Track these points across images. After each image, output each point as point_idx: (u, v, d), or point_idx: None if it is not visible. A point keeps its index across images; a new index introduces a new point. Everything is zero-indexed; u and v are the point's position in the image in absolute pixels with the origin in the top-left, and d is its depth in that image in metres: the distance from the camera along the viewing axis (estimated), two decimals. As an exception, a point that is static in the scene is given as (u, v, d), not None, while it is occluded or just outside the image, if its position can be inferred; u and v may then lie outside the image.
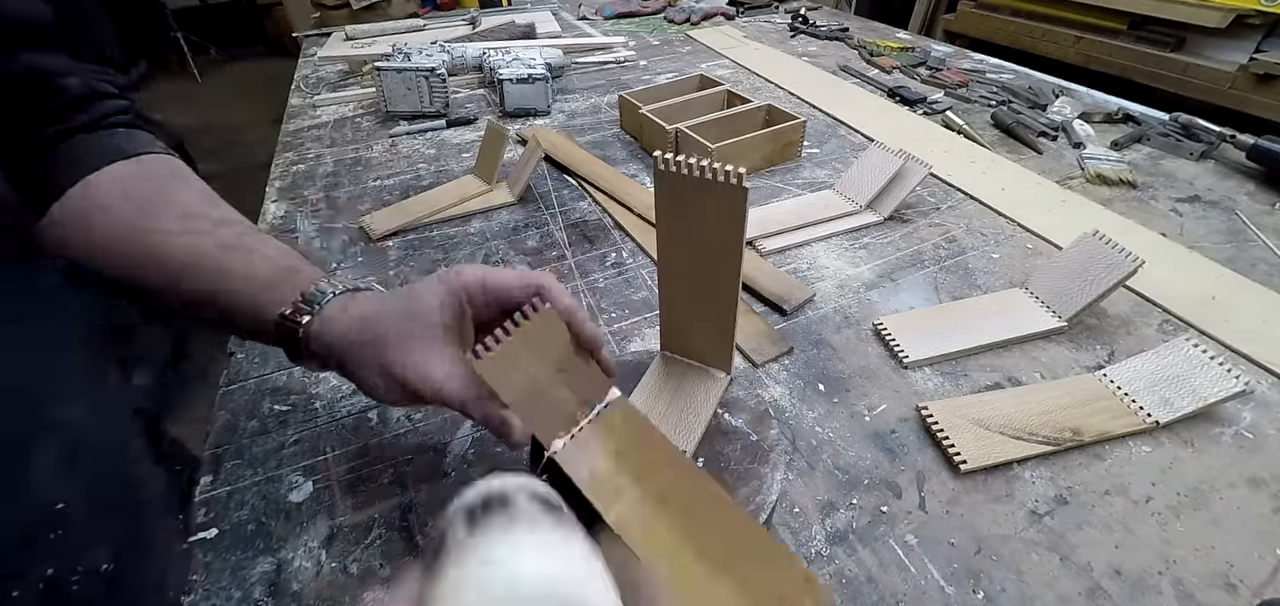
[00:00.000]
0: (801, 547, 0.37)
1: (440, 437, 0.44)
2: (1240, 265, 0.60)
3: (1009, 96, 0.99)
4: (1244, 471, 0.40)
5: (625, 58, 1.23)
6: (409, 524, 0.38)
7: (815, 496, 0.39)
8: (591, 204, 0.73)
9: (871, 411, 0.45)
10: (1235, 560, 0.35)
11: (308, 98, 1.06)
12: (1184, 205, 0.70)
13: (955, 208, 0.70)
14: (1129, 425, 0.42)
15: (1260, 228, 0.65)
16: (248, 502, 0.39)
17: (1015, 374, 0.48)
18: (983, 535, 0.37)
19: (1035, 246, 0.63)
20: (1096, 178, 0.75)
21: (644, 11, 1.58)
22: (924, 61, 1.15)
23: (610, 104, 1.02)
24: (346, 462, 0.42)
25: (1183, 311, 0.54)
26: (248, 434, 0.44)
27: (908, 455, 0.42)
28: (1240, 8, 1.50)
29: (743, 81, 1.11)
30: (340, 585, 0.35)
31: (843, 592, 0.34)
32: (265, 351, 0.52)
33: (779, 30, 1.43)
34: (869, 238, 0.65)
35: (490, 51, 1.07)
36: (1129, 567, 0.35)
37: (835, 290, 0.58)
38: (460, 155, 0.84)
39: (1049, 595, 0.34)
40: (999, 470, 0.40)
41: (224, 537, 0.37)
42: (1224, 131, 0.80)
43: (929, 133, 0.88)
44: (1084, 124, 0.88)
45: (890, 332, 0.51)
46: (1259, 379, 0.47)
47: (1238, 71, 1.53)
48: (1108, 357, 0.49)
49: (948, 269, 0.60)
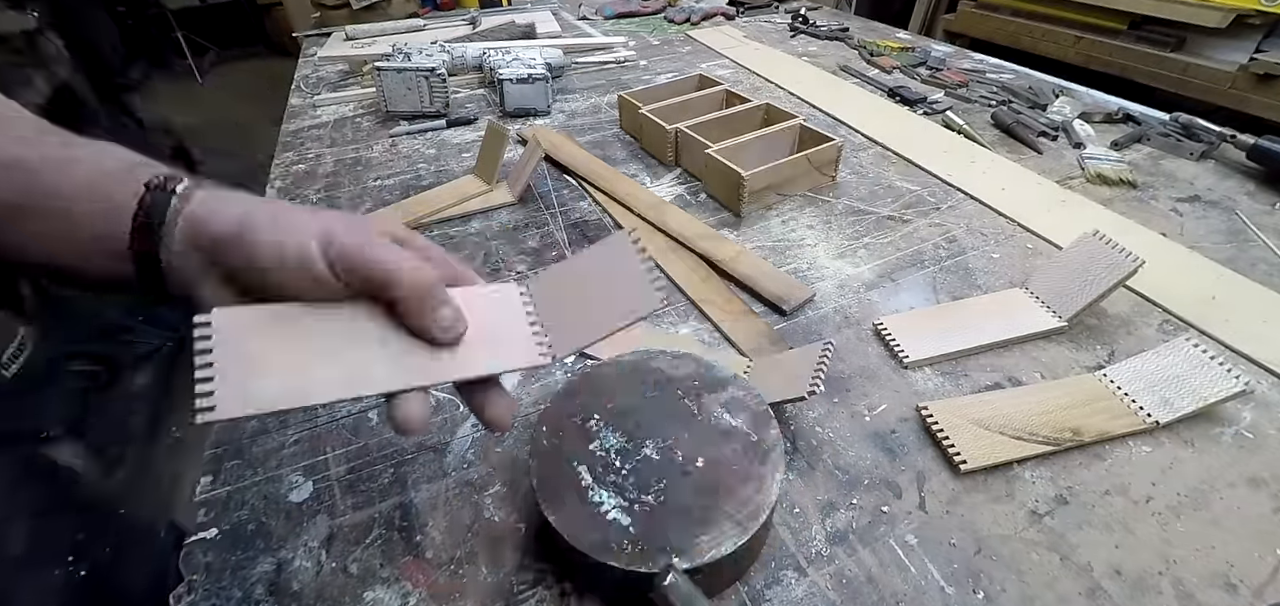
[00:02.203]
0: (801, 547, 0.37)
1: (440, 437, 0.44)
2: (1240, 265, 0.60)
3: (1009, 96, 0.99)
4: (1244, 471, 0.40)
5: (625, 58, 1.23)
6: (409, 524, 0.38)
7: (815, 496, 0.39)
8: (591, 204, 0.73)
9: (871, 411, 0.45)
10: (1235, 560, 0.35)
11: (308, 98, 1.06)
12: (1184, 205, 0.70)
13: (955, 207, 0.70)
14: (1129, 425, 0.42)
15: (1260, 228, 0.65)
16: (248, 502, 0.39)
17: (1015, 374, 0.48)
18: (983, 535, 0.37)
19: (1035, 246, 0.63)
20: (1096, 178, 0.75)
21: (644, 11, 1.58)
22: (924, 61, 1.15)
23: (610, 104, 1.02)
24: (346, 462, 0.42)
25: (1183, 311, 0.54)
26: (248, 434, 0.44)
27: (908, 455, 0.42)
28: (1240, 8, 1.50)
29: (743, 81, 1.11)
30: (340, 585, 0.35)
31: (843, 592, 0.34)
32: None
33: (779, 30, 1.43)
34: (869, 238, 0.65)
35: (490, 51, 1.07)
36: (1129, 567, 0.35)
37: (835, 290, 0.58)
38: (460, 155, 0.84)
39: (1049, 595, 0.34)
40: (999, 470, 0.40)
41: (224, 537, 0.37)
42: (1224, 131, 0.80)
43: (929, 133, 0.88)
44: (1084, 124, 0.88)
45: (890, 332, 0.51)
46: (1259, 379, 0.47)
47: (1238, 71, 1.52)
48: (1108, 357, 0.49)
49: (948, 269, 0.60)
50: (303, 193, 0.76)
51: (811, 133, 0.76)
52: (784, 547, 0.37)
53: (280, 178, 0.80)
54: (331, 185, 0.77)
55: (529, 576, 0.35)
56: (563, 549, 0.33)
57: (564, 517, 0.32)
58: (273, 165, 0.83)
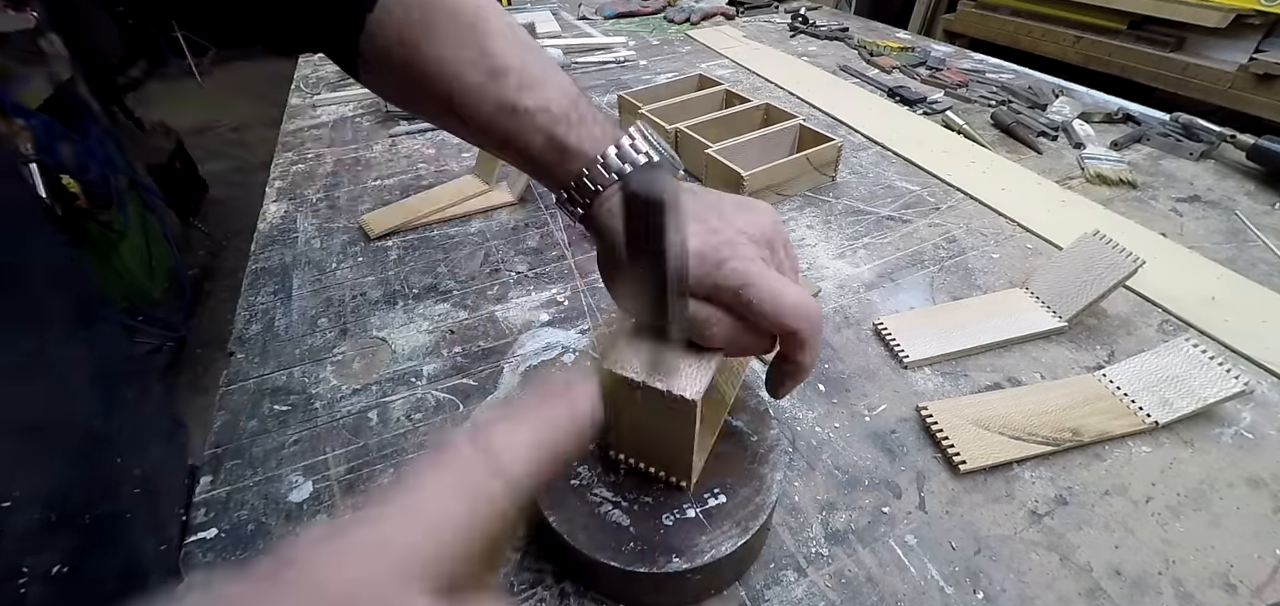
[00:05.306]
0: (801, 547, 0.37)
1: (440, 437, 0.44)
2: (1240, 265, 0.60)
3: (1009, 96, 0.99)
4: (1244, 471, 0.40)
5: (625, 57, 1.23)
6: (409, 524, 0.38)
7: (815, 496, 0.39)
8: (591, 204, 0.73)
9: (871, 411, 0.45)
10: (1235, 560, 0.35)
11: (308, 97, 1.06)
12: (1184, 205, 0.70)
13: (955, 207, 0.70)
14: (1129, 425, 0.42)
15: (1260, 227, 0.65)
16: (248, 502, 0.39)
17: (1015, 374, 0.48)
18: (983, 535, 0.37)
19: (1035, 246, 0.63)
20: (1096, 178, 0.75)
21: (644, 11, 1.58)
22: (924, 61, 1.15)
23: (610, 104, 1.01)
24: (346, 462, 0.42)
25: (1183, 311, 0.54)
26: (248, 434, 0.44)
27: (908, 455, 0.42)
28: (1240, 8, 1.50)
29: (742, 81, 1.11)
30: (340, 585, 0.35)
31: (843, 593, 0.34)
32: (265, 351, 0.52)
33: (779, 30, 1.43)
34: (869, 238, 0.65)
35: (490, 51, 1.07)
36: (1129, 567, 0.35)
37: (835, 290, 0.58)
38: (460, 155, 0.84)
39: (1049, 595, 0.34)
40: (999, 470, 0.40)
41: (224, 537, 0.37)
42: (1224, 131, 0.80)
43: (929, 133, 0.88)
44: (1084, 124, 0.88)
45: (890, 332, 0.51)
46: (1259, 379, 0.47)
47: (1238, 71, 1.52)
48: (1108, 358, 0.49)
49: (948, 269, 0.60)
50: (303, 192, 0.76)
51: (811, 132, 0.76)
52: (784, 547, 0.37)
53: (280, 177, 0.80)
54: (331, 185, 0.77)
55: (529, 576, 0.35)
56: (563, 549, 0.33)
57: (564, 518, 0.32)
58: (273, 165, 0.83)
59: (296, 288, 0.60)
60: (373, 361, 0.51)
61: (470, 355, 0.51)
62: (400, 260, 0.63)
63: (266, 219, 0.71)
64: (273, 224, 0.70)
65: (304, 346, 0.52)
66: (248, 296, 0.59)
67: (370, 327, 0.54)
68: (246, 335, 0.54)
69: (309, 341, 0.53)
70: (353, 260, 0.63)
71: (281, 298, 0.58)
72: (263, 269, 0.63)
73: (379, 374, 0.49)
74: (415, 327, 0.54)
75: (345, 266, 0.62)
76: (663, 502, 0.33)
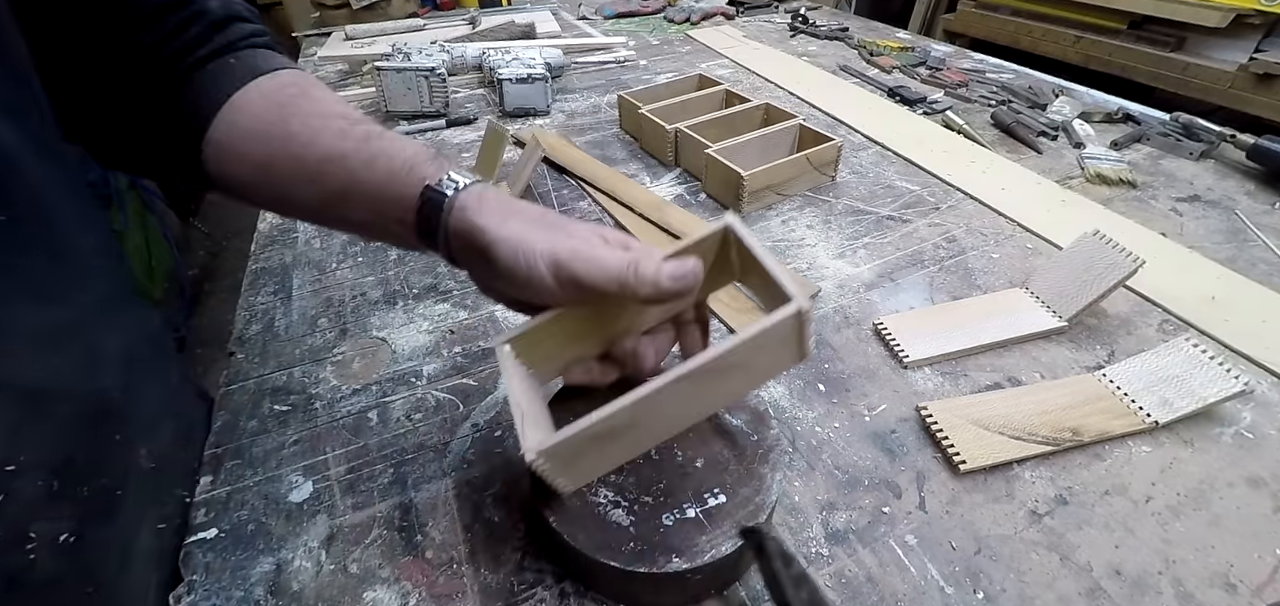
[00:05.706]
0: (801, 547, 0.37)
1: (440, 437, 0.44)
2: (1240, 265, 0.60)
3: (1009, 96, 0.99)
4: (1244, 471, 0.40)
5: (625, 57, 1.23)
6: (409, 524, 0.38)
7: (815, 496, 0.39)
8: (591, 203, 0.73)
9: (871, 411, 0.45)
10: (1235, 560, 0.35)
11: (307, 97, 1.06)
12: (1184, 205, 0.70)
13: (955, 207, 0.70)
14: (1129, 425, 0.42)
15: (1260, 228, 0.65)
16: (248, 502, 0.39)
17: (1015, 374, 0.48)
18: (983, 535, 0.37)
19: (1035, 246, 0.63)
20: (1096, 177, 0.75)
21: (644, 11, 1.58)
22: (924, 61, 1.15)
23: (610, 104, 1.02)
24: (346, 462, 0.42)
25: (1183, 311, 0.54)
26: (248, 434, 0.44)
27: (908, 455, 0.42)
28: (1240, 8, 1.50)
29: (742, 81, 1.11)
30: (340, 585, 0.35)
31: (843, 593, 0.34)
32: (265, 351, 0.52)
33: (779, 30, 1.43)
34: (869, 237, 0.65)
35: (490, 51, 1.07)
36: (1129, 567, 0.35)
37: (835, 290, 0.58)
38: (460, 155, 0.84)
39: (1049, 595, 0.34)
40: (999, 470, 0.40)
41: (224, 537, 0.37)
42: (1224, 131, 0.80)
43: (929, 133, 0.88)
44: (1084, 124, 0.88)
45: (890, 332, 0.51)
46: (1259, 379, 0.47)
47: (1238, 71, 1.52)
48: (1108, 358, 0.49)
49: (948, 269, 0.60)
50: (302, 192, 0.76)
51: (811, 132, 0.76)
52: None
53: (280, 177, 0.80)
54: (331, 185, 0.77)
55: (529, 576, 0.35)
56: (563, 549, 0.33)
57: (564, 517, 0.32)
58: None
59: (296, 288, 0.60)
60: (373, 361, 0.51)
61: (470, 355, 0.51)
62: (400, 260, 0.63)
63: (266, 219, 0.71)
64: (273, 224, 0.70)
65: (304, 346, 0.52)
66: (248, 296, 0.59)
67: (370, 328, 0.54)
68: (246, 335, 0.54)
69: (309, 341, 0.53)
70: (353, 260, 0.63)
71: (281, 298, 0.58)
72: (263, 269, 0.63)
73: (379, 374, 0.49)
74: (415, 328, 0.54)
75: (345, 266, 0.62)
76: (663, 502, 0.33)
